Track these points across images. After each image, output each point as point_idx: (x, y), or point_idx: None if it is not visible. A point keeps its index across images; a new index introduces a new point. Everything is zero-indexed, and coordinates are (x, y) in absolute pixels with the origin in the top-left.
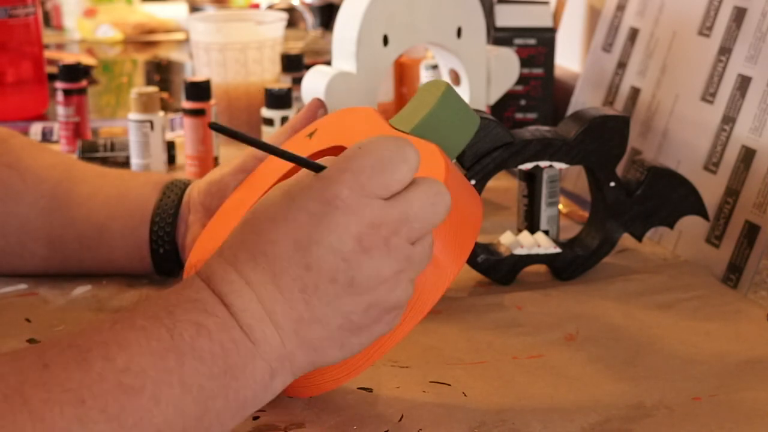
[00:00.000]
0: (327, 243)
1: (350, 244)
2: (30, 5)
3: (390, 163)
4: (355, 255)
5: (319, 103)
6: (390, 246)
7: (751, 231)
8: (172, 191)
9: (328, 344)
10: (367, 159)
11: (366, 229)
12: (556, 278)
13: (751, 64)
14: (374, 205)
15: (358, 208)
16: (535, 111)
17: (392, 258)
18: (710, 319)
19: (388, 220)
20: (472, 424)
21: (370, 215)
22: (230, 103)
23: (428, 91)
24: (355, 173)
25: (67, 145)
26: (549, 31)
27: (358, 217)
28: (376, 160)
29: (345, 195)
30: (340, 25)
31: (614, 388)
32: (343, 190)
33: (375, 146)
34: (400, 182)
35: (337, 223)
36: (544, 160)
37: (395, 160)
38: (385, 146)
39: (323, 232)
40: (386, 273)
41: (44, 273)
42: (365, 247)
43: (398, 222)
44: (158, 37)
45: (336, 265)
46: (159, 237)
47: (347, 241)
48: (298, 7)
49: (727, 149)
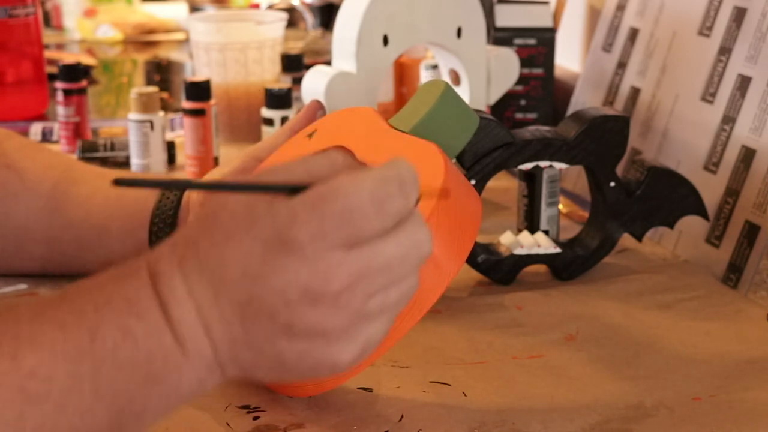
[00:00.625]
0: (273, 283)
1: (296, 293)
2: (30, 5)
3: (360, 213)
4: (298, 304)
5: (318, 104)
6: (340, 301)
7: (751, 231)
8: (172, 192)
9: (260, 369)
10: (338, 204)
11: (317, 281)
12: (556, 278)
13: (751, 64)
14: (332, 258)
15: (314, 259)
16: (535, 111)
17: (339, 314)
18: (710, 319)
19: (344, 275)
20: (472, 424)
21: (325, 268)
22: (230, 103)
23: (428, 90)
24: (321, 218)
25: (67, 145)
26: (549, 31)
27: (311, 269)
28: (347, 208)
29: (303, 240)
30: (340, 25)
31: (614, 388)
32: (303, 234)
33: (352, 189)
34: (369, 232)
35: (287, 268)
36: (544, 160)
37: (368, 210)
38: (362, 191)
39: (271, 271)
40: (327, 327)
41: (43, 273)
42: (311, 298)
43: (356, 276)
44: (158, 37)
45: (277, 307)
46: (158, 238)
47: (293, 290)
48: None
49: (727, 149)
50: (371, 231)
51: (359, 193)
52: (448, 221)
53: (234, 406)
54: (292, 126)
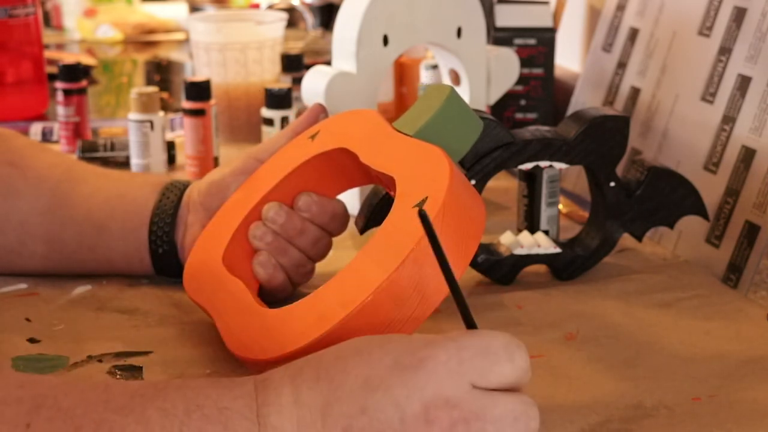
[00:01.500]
0: (394, 395)
1: (416, 408)
2: (30, 5)
3: (496, 355)
4: (414, 421)
5: (320, 108)
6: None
7: (751, 231)
8: (172, 192)
9: None
10: (477, 341)
11: (439, 401)
12: (556, 278)
13: (751, 64)
14: (460, 385)
15: (444, 378)
16: (535, 111)
17: None
18: (710, 319)
19: (465, 407)
20: None
21: (451, 391)
22: (230, 103)
23: (432, 95)
24: (460, 347)
25: (67, 145)
26: (549, 31)
27: (438, 387)
28: (485, 347)
29: (440, 359)
30: (340, 25)
31: (614, 388)
32: (441, 354)
33: (489, 336)
34: (498, 376)
35: (415, 382)
36: (544, 160)
37: (502, 355)
38: (498, 340)
39: (397, 382)
40: None
41: (44, 272)
42: (429, 418)
43: (474, 414)
44: (158, 37)
45: (391, 422)
46: (158, 237)
47: (414, 403)
48: (298, 7)
49: (727, 149)
50: (501, 374)
51: (497, 338)
52: (453, 224)
53: None
54: (294, 128)
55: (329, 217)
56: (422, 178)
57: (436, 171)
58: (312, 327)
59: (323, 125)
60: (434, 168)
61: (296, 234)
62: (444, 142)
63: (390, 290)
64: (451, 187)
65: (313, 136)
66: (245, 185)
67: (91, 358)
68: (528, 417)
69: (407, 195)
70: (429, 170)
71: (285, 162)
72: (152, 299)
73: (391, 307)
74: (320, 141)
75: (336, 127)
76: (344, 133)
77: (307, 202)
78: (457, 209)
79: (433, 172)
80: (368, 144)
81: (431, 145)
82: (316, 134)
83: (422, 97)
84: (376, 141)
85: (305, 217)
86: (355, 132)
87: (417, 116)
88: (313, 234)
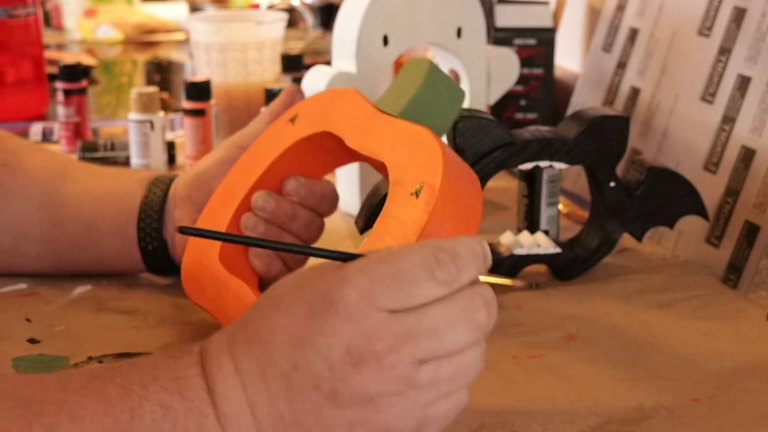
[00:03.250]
0: (317, 347)
1: (339, 354)
2: (30, 5)
3: (412, 278)
4: (342, 366)
5: (295, 88)
6: (384, 364)
7: (751, 231)
8: (158, 187)
9: None
10: (389, 266)
11: (360, 341)
12: (556, 278)
13: (751, 64)
14: (377, 316)
15: (359, 316)
16: (535, 111)
17: (384, 377)
18: (710, 319)
19: (388, 336)
20: (471, 425)
21: (368, 326)
22: (230, 103)
23: (412, 70)
24: (371, 279)
25: (67, 145)
26: (549, 31)
27: (355, 327)
28: (398, 272)
29: (351, 300)
30: (340, 25)
31: (614, 388)
32: (352, 294)
33: (405, 254)
34: (419, 298)
35: (332, 328)
36: (544, 160)
37: (420, 275)
38: (415, 259)
39: (316, 333)
40: (373, 392)
41: (40, 272)
42: (354, 359)
43: (399, 338)
44: (158, 38)
45: (321, 372)
46: (147, 234)
47: (336, 350)
48: (298, 7)
49: (727, 149)
50: (420, 296)
51: (412, 258)
52: (452, 206)
53: None
54: (272, 111)
55: (319, 198)
56: (414, 164)
57: (428, 156)
58: None
59: (301, 107)
60: (426, 152)
61: (288, 219)
62: (430, 117)
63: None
64: (446, 169)
65: (293, 120)
66: (230, 175)
67: (92, 359)
68: (466, 312)
69: (401, 183)
70: (420, 155)
71: (268, 149)
72: (153, 300)
73: None
74: (301, 124)
75: (315, 108)
76: (325, 114)
77: (296, 185)
78: (453, 189)
79: (425, 157)
80: (353, 126)
81: (420, 128)
82: (296, 117)
83: (402, 73)
84: (360, 123)
85: (295, 202)
86: (336, 113)
87: (399, 94)
88: (305, 217)
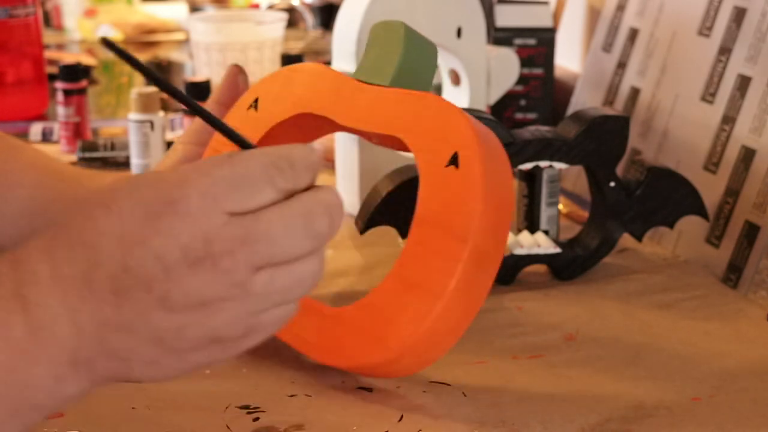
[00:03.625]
0: (152, 246)
1: (175, 254)
2: (30, 5)
3: (251, 183)
4: (177, 267)
5: (236, 69)
6: (220, 267)
7: (751, 231)
8: None
9: (135, 357)
10: (230, 170)
11: (197, 242)
12: (556, 278)
13: (751, 64)
14: (216, 218)
15: (198, 218)
16: (535, 111)
17: (219, 281)
18: (710, 319)
19: (224, 237)
20: (471, 425)
21: (206, 228)
22: None
23: (384, 36)
24: (212, 181)
25: (67, 146)
26: (549, 31)
27: (193, 227)
28: (238, 175)
29: (192, 200)
30: (340, 25)
31: (614, 388)
32: (192, 194)
33: (245, 159)
34: (257, 203)
35: (170, 228)
36: (544, 160)
37: (259, 179)
38: (254, 164)
39: (151, 233)
40: (208, 296)
41: None
42: (190, 261)
43: (237, 241)
44: (158, 38)
45: (155, 274)
46: None
47: (173, 250)
48: (298, 7)
49: (727, 149)
50: (259, 199)
51: (252, 162)
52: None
53: (234, 406)
54: (217, 99)
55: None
56: (437, 132)
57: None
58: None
59: (258, 91)
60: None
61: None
62: (417, 80)
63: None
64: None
65: (255, 105)
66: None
67: None
68: (302, 217)
69: (428, 152)
70: (437, 121)
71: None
72: None
73: (476, 271)
74: (267, 110)
75: (276, 89)
76: (293, 95)
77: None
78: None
79: (445, 123)
80: (339, 103)
81: (423, 93)
82: (256, 102)
83: (373, 40)
84: (346, 98)
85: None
86: (309, 91)
87: (381, 62)
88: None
